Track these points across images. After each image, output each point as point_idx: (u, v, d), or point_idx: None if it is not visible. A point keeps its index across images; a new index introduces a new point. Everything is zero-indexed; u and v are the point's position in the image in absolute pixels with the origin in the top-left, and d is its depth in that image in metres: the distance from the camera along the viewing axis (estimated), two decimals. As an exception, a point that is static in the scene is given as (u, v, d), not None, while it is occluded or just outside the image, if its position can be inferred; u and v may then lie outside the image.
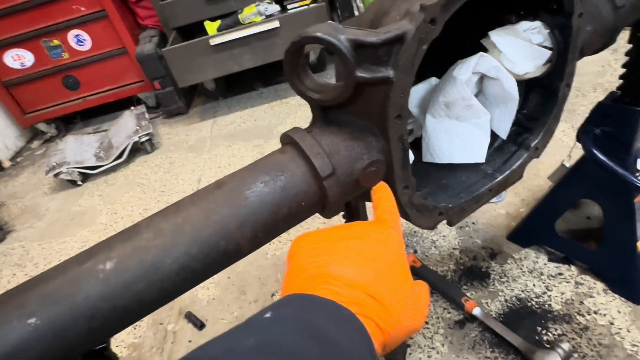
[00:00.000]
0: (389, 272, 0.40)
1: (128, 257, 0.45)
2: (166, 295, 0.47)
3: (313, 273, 0.39)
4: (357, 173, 0.52)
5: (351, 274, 0.38)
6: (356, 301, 0.36)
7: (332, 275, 0.38)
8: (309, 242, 0.43)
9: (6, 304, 0.42)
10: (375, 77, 0.47)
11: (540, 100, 0.74)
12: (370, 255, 0.41)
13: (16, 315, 0.41)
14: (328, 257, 0.40)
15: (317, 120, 0.54)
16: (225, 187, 0.49)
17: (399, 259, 0.43)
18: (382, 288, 0.38)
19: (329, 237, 0.43)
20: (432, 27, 0.47)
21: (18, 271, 1.87)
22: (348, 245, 0.41)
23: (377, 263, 0.40)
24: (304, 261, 0.40)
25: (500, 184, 0.72)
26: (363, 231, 0.44)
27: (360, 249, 0.41)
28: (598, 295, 1.16)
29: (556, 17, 0.64)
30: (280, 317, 0.33)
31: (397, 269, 0.42)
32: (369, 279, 0.38)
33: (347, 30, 0.46)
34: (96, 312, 0.43)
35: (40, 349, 0.41)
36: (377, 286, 0.38)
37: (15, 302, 0.42)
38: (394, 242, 0.44)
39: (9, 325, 0.41)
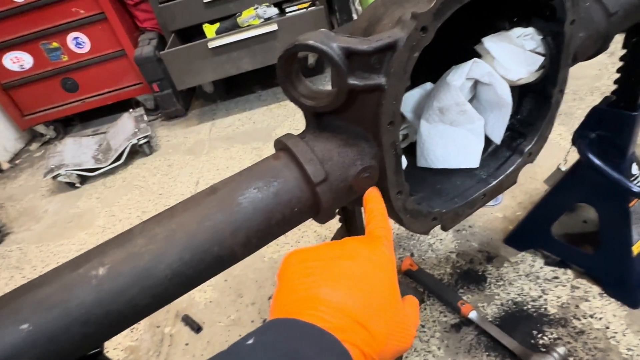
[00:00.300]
0: (378, 296, 0.40)
1: (121, 263, 0.45)
2: (159, 301, 0.47)
3: (301, 296, 0.39)
4: (351, 179, 0.53)
5: (339, 298, 0.38)
6: (342, 327, 0.36)
7: (320, 299, 0.38)
8: (300, 260, 0.43)
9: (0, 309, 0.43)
10: (367, 84, 0.47)
11: (534, 105, 0.74)
12: (360, 278, 0.40)
13: (9, 321, 0.42)
14: (318, 279, 0.40)
15: (311, 126, 0.55)
16: (218, 193, 0.50)
17: (389, 279, 0.43)
18: (369, 314, 0.38)
19: (320, 255, 0.43)
20: (423, 34, 0.47)
21: (16, 273, 1.87)
22: (339, 267, 0.41)
23: (366, 286, 0.40)
24: (294, 282, 0.40)
25: (494, 189, 0.73)
26: (355, 250, 0.44)
27: (351, 270, 0.41)
28: (594, 299, 1.16)
29: (549, 23, 0.64)
30: (262, 344, 0.33)
31: (386, 292, 0.42)
32: (357, 305, 0.38)
33: (339, 38, 0.46)
34: (90, 318, 0.43)
35: (33, 354, 0.42)
36: (365, 312, 0.38)
37: (8, 307, 0.43)
38: (385, 261, 0.44)
39: (2, 330, 0.41)
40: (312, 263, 0.42)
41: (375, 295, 0.40)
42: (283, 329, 0.35)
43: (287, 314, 0.37)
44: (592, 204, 1.14)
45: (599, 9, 0.69)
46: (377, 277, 0.42)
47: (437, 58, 0.75)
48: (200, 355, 1.31)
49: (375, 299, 0.40)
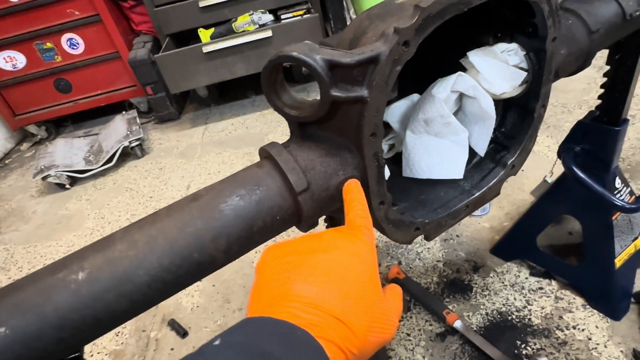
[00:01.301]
0: (356, 288, 0.39)
1: (100, 268, 0.45)
2: (138, 306, 0.47)
3: (275, 293, 0.38)
4: (332, 188, 0.53)
5: (314, 293, 0.37)
6: (316, 323, 0.35)
7: (294, 295, 0.37)
8: (276, 255, 0.42)
9: (-23, 312, 0.43)
10: (349, 96, 0.48)
11: (517, 119, 0.75)
12: (337, 271, 0.39)
13: (-14, 324, 0.42)
14: (292, 274, 0.39)
15: (295, 135, 0.55)
16: (201, 200, 0.50)
17: (368, 270, 0.41)
18: (347, 307, 0.37)
19: (297, 249, 0.42)
20: (405, 49, 0.48)
21: (1, 275, 1.85)
22: (315, 260, 0.40)
23: (343, 279, 0.39)
24: (268, 279, 0.40)
25: (478, 200, 0.74)
26: (332, 242, 0.43)
27: (327, 264, 0.40)
28: (577, 310, 1.17)
29: (531, 40, 0.66)
30: (228, 344, 0.32)
31: (365, 283, 0.40)
32: (333, 298, 0.37)
33: (323, 51, 0.47)
34: (65, 323, 0.43)
35: (9, 358, 0.42)
36: (342, 305, 0.37)
37: (-15, 311, 0.43)
38: (365, 252, 0.42)
39: (-22, 334, 0.41)
40: (287, 258, 0.41)
41: (354, 287, 0.39)
42: (252, 328, 0.34)
43: (260, 312, 0.36)
44: (576, 217, 1.16)
45: (580, 26, 0.70)
46: (355, 268, 0.40)
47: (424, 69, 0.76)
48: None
49: (354, 291, 0.39)
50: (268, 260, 0.42)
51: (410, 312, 1.27)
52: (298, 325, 0.34)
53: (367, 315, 0.38)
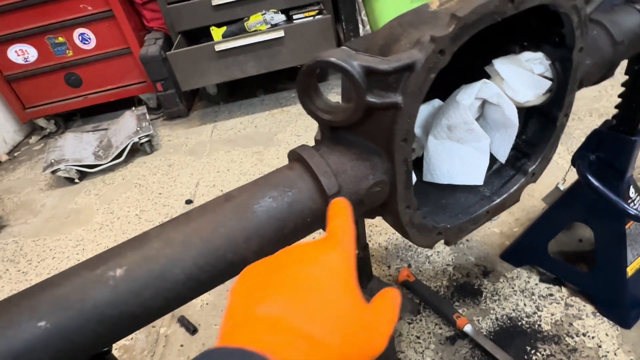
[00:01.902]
0: (326, 301, 0.36)
1: (137, 265, 0.46)
2: (172, 304, 0.48)
3: (238, 319, 0.34)
4: (362, 192, 0.54)
5: (276, 311, 0.33)
6: (278, 344, 0.31)
7: (256, 317, 0.33)
8: (249, 276, 0.38)
9: (17, 305, 0.44)
10: (384, 102, 0.49)
11: (539, 127, 0.76)
12: (304, 285, 0.36)
13: (26, 318, 0.42)
14: (256, 295, 0.35)
15: (325, 139, 0.56)
16: (234, 201, 0.51)
17: (341, 281, 0.37)
18: (314, 323, 0.33)
19: (268, 267, 0.39)
20: (440, 57, 0.49)
21: (11, 267, 1.86)
22: (281, 276, 0.37)
23: (310, 293, 0.35)
24: (236, 303, 0.36)
25: (498, 207, 0.74)
26: (301, 255, 0.39)
27: (293, 278, 0.36)
28: (587, 318, 1.18)
29: (558, 50, 0.66)
30: None
31: (337, 294, 0.36)
32: (299, 316, 0.33)
33: (360, 57, 0.48)
34: (104, 319, 0.44)
35: (48, 352, 0.42)
36: (309, 322, 0.33)
37: (26, 304, 0.44)
38: (337, 260, 0.39)
39: (19, 327, 0.42)
40: (258, 279, 0.38)
41: (323, 300, 0.35)
42: None
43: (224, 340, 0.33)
44: (588, 224, 1.16)
45: (605, 37, 0.71)
46: (325, 279, 0.37)
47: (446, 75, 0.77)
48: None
49: (323, 304, 0.35)
50: (240, 283, 0.38)
51: (420, 315, 1.27)
52: (259, 349, 0.30)
53: (340, 329, 0.34)
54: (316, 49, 2.36)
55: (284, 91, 2.87)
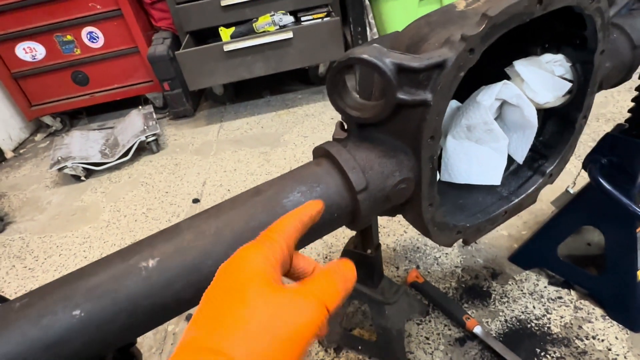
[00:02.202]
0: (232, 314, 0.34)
1: (170, 257, 0.46)
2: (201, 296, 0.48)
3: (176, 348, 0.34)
4: (388, 189, 0.55)
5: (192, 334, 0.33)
6: None
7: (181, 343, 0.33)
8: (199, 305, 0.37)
9: (52, 294, 0.44)
10: (414, 99, 0.50)
11: (557, 129, 0.77)
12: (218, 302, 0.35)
13: (61, 307, 0.43)
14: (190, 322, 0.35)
15: (352, 135, 0.57)
16: (263, 195, 0.52)
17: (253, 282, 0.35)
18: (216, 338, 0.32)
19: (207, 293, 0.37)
20: (470, 56, 0.49)
21: (17, 263, 1.86)
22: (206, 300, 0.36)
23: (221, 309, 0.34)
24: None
25: (515, 207, 0.75)
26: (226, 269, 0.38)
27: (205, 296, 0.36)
28: (596, 321, 1.18)
29: (579, 52, 0.67)
30: None
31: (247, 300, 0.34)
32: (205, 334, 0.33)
33: (392, 54, 0.49)
34: (136, 309, 0.45)
35: (82, 340, 0.43)
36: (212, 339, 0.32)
37: (61, 293, 0.44)
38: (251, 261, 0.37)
39: (54, 315, 0.43)
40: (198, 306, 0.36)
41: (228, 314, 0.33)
42: None
43: None
44: (599, 228, 1.17)
45: (625, 41, 0.72)
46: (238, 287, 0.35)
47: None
48: (203, 355, 1.31)
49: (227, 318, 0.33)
50: None
51: (429, 316, 1.27)
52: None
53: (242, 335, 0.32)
54: (324, 51, 2.37)
55: (290, 92, 2.88)
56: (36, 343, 0.41)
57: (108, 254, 0.48)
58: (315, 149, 0.58)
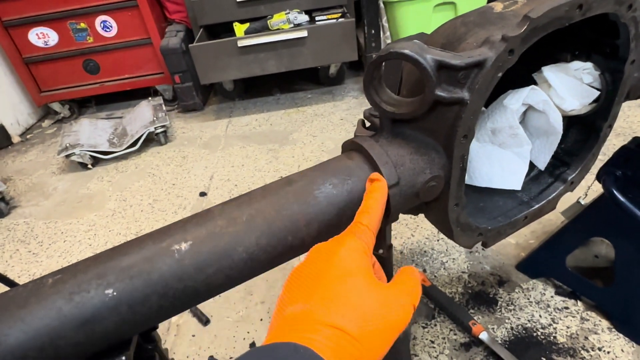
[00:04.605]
0: (340, 292, 0.39)
1: (202, 241, 0.46)
2: (231, 282, 0.49)
3: (272, 323, 0.39)
4: (419, 186, 0.55)
5: (299, 309, 0.38)
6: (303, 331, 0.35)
7: (283, 317, 0.38)
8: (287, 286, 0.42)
9: (85, 272, 0.44)
10: (452, 97, 0.50)
11: (581, 137, 0.77)
12: (323, 282, 0.39)
13: (95, 285, 0.43)
14: (287, 300, 0.40)
15: (385, 131, 0.57)
16: (295, 185, 0.52)
17: (354, 270, 0.41)
18: (331, 313, 0.37)
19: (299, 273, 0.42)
20: (510, 57, 0.50)
21: (21, 247, 1.86)
22: (307, 279, 0.41)
23: (329, 287, 0.39)
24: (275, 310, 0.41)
25: (536, 213, 0.75)
26: (323, 255, 0.43)
27: (316, 279, 0.40)
28: (602, 333, 1.18)
29: (609, 61, 0.67)
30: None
31: (352, 283, 0.39)
32: (317, 310, 0.37)
33: (432, 51, 0.49)
34: (168, 291, 0.45)
35: (114, 319, 0.43)
36: (327, 314, 0.36)
37: (93, 272, 0.44)
38: (351, 253, 0.42)
39: (87, 293, 0.43)
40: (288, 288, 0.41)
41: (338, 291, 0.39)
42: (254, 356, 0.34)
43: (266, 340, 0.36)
44: (610, 240, 1.17)
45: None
46: (341, 273, 0.40)
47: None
48: (206, 347, 1.31)
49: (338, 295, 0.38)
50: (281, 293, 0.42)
51: (435, 320, 1.27)
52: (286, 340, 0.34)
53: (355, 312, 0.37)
54: (337, 51, 2.38)
55: (300, 92, 2.88)
56: (70, 319, 0.41)
57: (138, 236, 0.48)
58: (345, 143, 0.58)
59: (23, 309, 0.41)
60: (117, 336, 0.45)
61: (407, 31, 2.43)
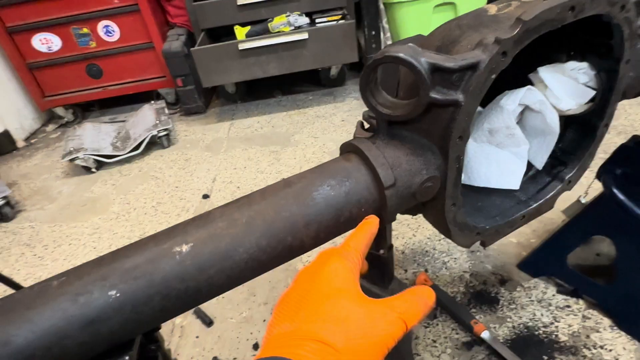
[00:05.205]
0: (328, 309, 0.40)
1: (203, 243, 0.48)
2: (232, 282, 0.50)
3: (265, 340, 0.40)
4: (415, 187, 0.56)
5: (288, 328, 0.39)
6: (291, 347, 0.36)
7: (274, 335, 0.39)
8: (278, 305, 0.43)
9: (89, 274, 0.45)
10: (446, 99, 0.51)
11: (577, 136, 0.78)
12: (313, 300, 0.41)
13: (99, 286, 0.44)
14: (279, 319, 0.41)
15: (381, 133, 0.58)
16: (294, 187, 0.53)
17: (342, 288, 0.42)
18: (320, 329, 0.38)
19: (290, 293, 0.44)
20: (503, 59, 0.50)
21: (27, 251, 1.88)
22: (297, 299, 0.42)
23: (318, 305, 0.40)
24: (268, 328, 0.42)
25: (533, 212, 0.76)
26: (311, 275, 0.44)
27: (305, 298, 0.42)
28: (604, 331, 1.18)
29: (604, 60, 0.68)
30: None
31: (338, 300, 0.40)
32: (307, 326, 0.38)
33: (426, 54, 0.50)
34: (171, 292, 0.46)
35: (118, 320, 0.44)
36: (315, 329, 0.38)
37: (97, 274, 0.45)
38: (338, 272, 0.43)
39: (91, 295, 0.44)
40: (279, 307, 0.43)
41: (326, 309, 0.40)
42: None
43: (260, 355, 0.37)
44: (611, 238, 1.17)
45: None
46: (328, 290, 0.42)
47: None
48: (210, 349, 1.33)
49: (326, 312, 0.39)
50: (273, 313, 0.43)
51: (437, 319, 1.28)
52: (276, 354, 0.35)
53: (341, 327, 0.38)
54: (338, 53, 2.39)
55: (301, 93, 2.89)
56: (76, 320, 0.42)
57: (141, 239, 0.49)
58: (343, 145, 0.59)
59: (30, 310, 0.42)
60: (121, 336, 0.46)
61: (408, 32, 2.43)
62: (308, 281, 0.43)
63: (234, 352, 1.30)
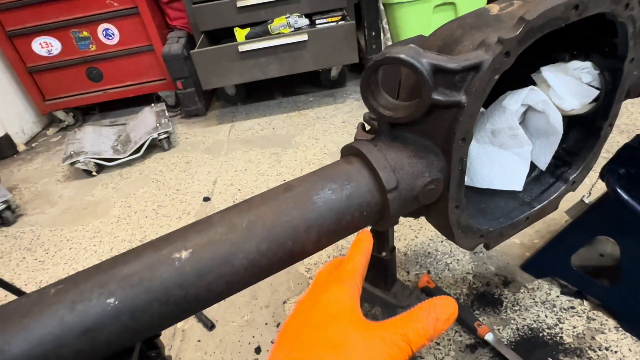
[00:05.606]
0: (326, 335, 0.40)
1: (203, 248, 0.47)
2: (232, 288, 0.49)
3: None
4: (418, 189, 0.55)
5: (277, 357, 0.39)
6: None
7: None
8: (280, 335, 0.43)
9: (87, 282, 0.44)
10: (449, 100, 0.50)
11: (581, 136, 0.77)
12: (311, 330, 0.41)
13: (97, 294, 0.43)
14: (280, 347, 0.41)
15: (383, 135, 0.57)
16: (294, 191, 0.52)
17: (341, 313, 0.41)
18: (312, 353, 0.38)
19: (290, 323, 0.43)
20: (506, 59, 0.50)
21: (28, 255, 1.88)
22: (297, 328, 0.42)
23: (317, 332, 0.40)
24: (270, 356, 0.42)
25: (537, 213, 0.75)
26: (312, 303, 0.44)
27: (291, 326, 0.42)
28: (609, 332, 1.17)
29: (607, 59, 0.67)
30: None
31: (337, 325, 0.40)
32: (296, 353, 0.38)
33: (428, 55, 0.49)
34: (169, 298, 0.45)
35: (116, 327, 0.43)
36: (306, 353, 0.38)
37: (95, 281, 0.44)
38: (339, 298, 0.43)
39: (89, 302, 0.43)
40: (281, 336, 0.43)
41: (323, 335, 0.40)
42: None
43: None
44: (615, 238, 1.16)
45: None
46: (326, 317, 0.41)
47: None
48: (212, 352, 1.32)
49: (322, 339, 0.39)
50: (275, 341, 0.43)
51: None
52: None
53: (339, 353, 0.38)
54: (338, 54, 2.38)
55: (302, 95, 2.89)
56: (73, 328, 0.41)
57: (139, 245, 0.49)
58: (344, 148, 0.59)
59: (26, 318, 0.41)
60: (119, 344, 0.45)
61: (408, 33, 2.43)
62: (307, 309, 0.43)
63: (236, 355, 1.30)
